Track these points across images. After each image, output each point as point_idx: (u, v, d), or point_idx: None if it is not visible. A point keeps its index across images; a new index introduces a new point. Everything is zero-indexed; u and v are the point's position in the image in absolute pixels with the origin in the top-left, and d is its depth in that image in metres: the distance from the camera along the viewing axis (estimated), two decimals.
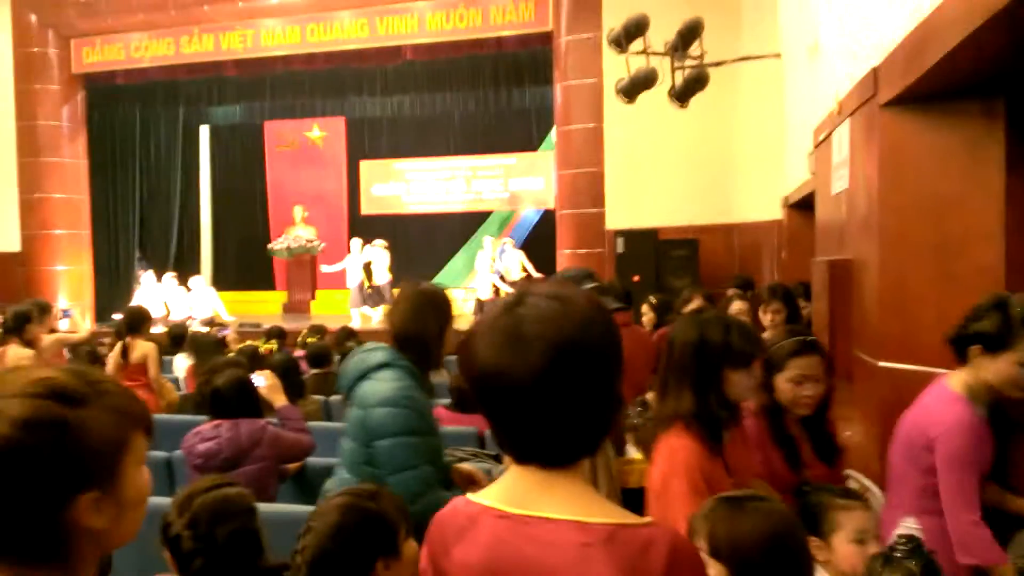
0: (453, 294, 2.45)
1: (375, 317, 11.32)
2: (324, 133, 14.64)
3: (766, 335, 3.40)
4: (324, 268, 12.59)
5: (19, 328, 4.95)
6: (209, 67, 11.21)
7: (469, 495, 1.11)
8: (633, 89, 6.93)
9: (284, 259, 13.49)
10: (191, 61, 11.08)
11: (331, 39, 10.58)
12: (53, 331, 5.41)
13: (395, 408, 2.10)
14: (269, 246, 13.61)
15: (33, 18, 10.98)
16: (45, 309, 5.11)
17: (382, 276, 11.59)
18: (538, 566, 0.98)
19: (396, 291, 11.10)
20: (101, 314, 11.57)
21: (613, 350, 1.03)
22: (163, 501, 1.94)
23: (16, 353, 4.94)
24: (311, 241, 13.31)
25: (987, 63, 2.35)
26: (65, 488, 0.88)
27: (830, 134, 3.87)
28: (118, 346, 5.27)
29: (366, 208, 14.33)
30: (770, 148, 7.66)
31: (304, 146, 14.74)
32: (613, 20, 7.30)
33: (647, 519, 1.00)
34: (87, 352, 5.51)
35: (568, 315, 0.99)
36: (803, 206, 6.04)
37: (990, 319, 2.05)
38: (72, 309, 10.40)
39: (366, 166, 14.38)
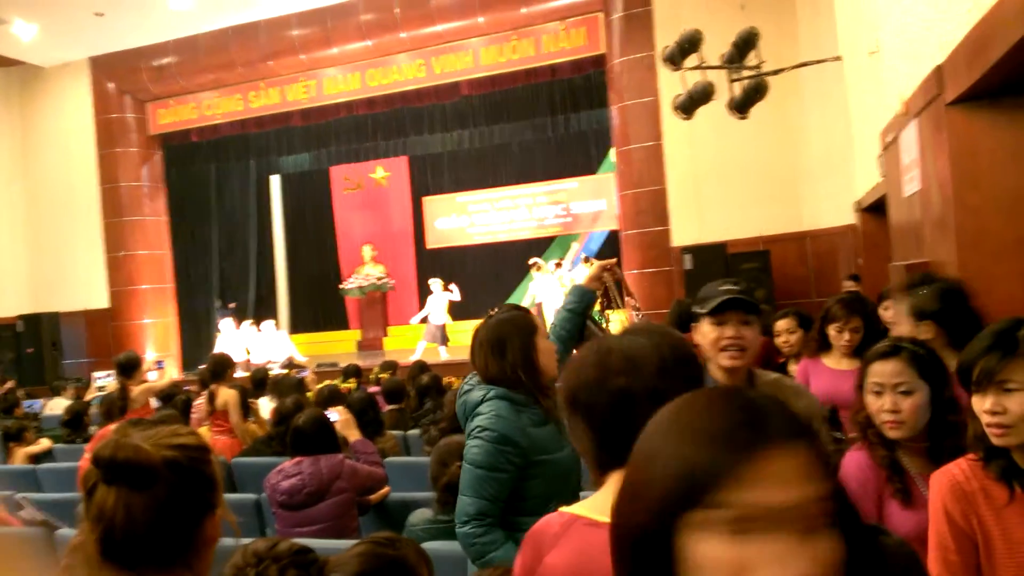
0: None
1: (442, 352, 11.45)
2: (388, 173, 14.98)
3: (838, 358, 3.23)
4: (413, 320, 12.68)
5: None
6: (276, 119, 11.66)
7: (562, 507, 1.19)
8: (691, 104, 6.89)
9: (356, 298, 13.78)
10: (259, 114, 11.56)
11: (390, 82, 10.88)
12: (143, 382, 5.64)
13: (472, 439, 2.14)
14: (341, 286, 13.94)
15: (111, 86, 11.63)
16: (132, 364, 5.31)
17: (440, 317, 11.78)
18: None
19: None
20: (187, 363, 12.02)
21: (695, 371, 1.18)
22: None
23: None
24: (381, 279, 13.58)
25: None
26: (207, 505, 1.18)
27: (897, 136, 3.77)
28: (204, 393, 5.46)
29: (431, 243, 14.55)
30: (838, 152, 7.49)
31: (369, 187, 15.11)
32: (666, 38, 7.29)
33: None
34: (182, 401, 5.74)
35: (660, 343, 1.16)
36: (877, 209, 5.87)
37: None
38: (164, 360, 10.85)
39: (429, 201, 14.63)
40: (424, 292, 12.82)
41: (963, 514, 1.47)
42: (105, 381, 9.42)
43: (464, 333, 13.35)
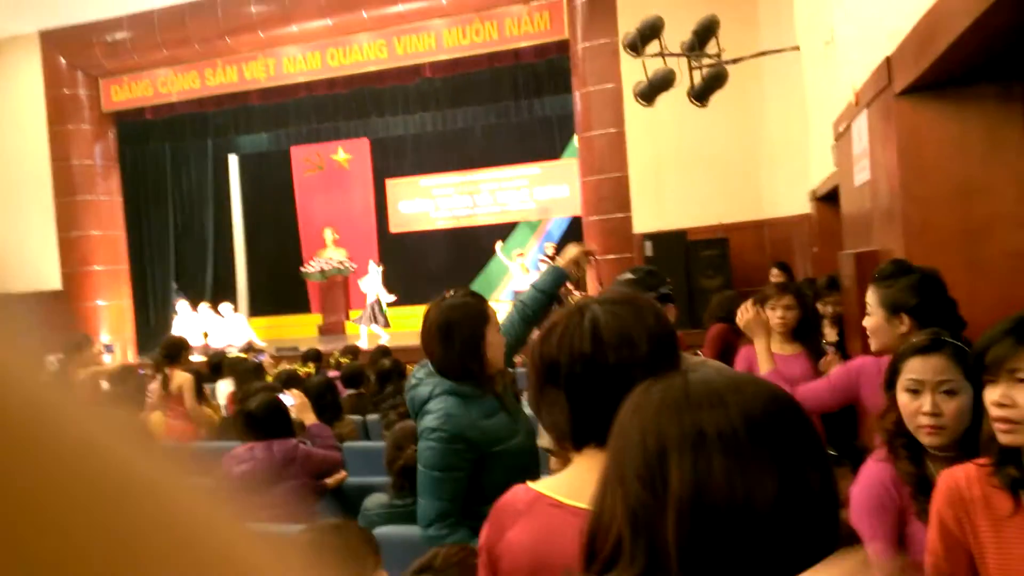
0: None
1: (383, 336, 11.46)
2: (349, 155, 14.82)
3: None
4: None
5: None
6: (234, 97, 11.44)
7: (529, 483, 1.18)
8: (651, 92, 6.92)
9: (317, 282, 13.66)
10: (216, 93, 11.32)
11: (351, 62, 10.73)
12: (96, 364, 5.55)
13: (424, 441, 2.11)
14: (302, 269, 13.80)
15: (62, 61, 11.30)
16: (83, 344, 5.23)
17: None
18: None
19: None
20: (143, 346, 11.82)
21: (675, 342, 1.18)
22: None
23: None
24: (343, 262, 13.47)
25: (997, 46, 2.32)
26: None
27: (849, 126, 3.84)
28: (159, 377, 5.38)
29: (394, 226, 14.46)
30: (795, 141, 7.59)
31: (331, 169, 14.94)
32: (628, 24, 7.30)
33: None
34: (135, 384, 5.64)
35: (645, 315, 1.15)
36: (831, 198, 5.98)
37: None
38: (114, 344, 10.66)
39: (392, 184, 14.53)
40: (390, 276, 12.76)
41: (956, 520, 1.36)
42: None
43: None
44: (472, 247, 14.20)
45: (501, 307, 12.08)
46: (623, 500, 0.79)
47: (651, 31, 6.59)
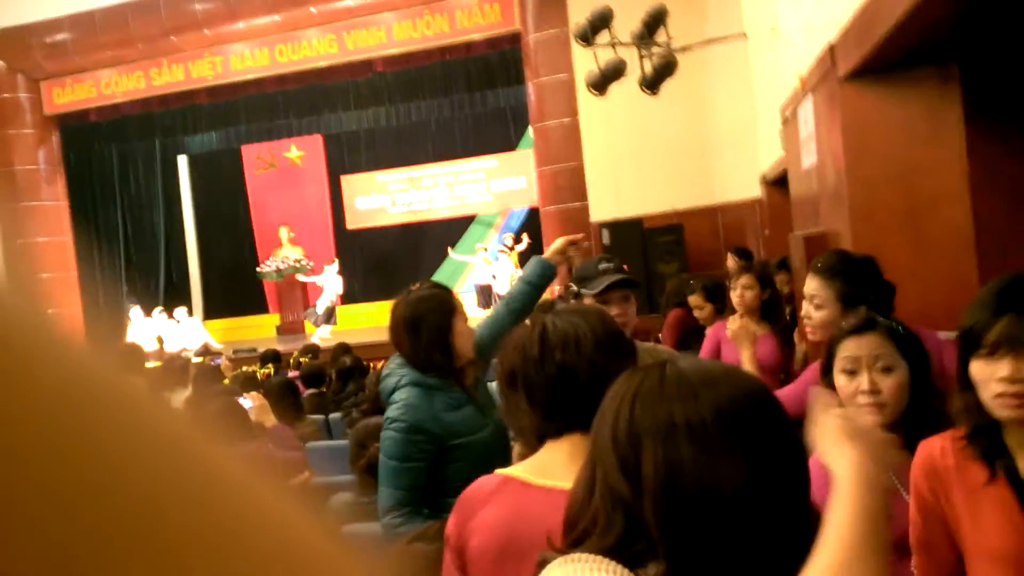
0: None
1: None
2: (302, 152, 14.63)
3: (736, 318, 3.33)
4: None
5: None
6: (181, 97, 11.23)
7: (498, 469, 1.24)
8: (603, 81, 6.96)
9: (274, 281, 13.49)
10: (163, 92, 11.10)
11: (300, 58, 10.60)
12: None
13: (385, 431, 2.13)
14: (258, 269, 13.62)
15: (1, 64, 10.96)
16: None
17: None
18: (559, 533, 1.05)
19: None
20: None
21: (627, 345, 1.33)
22: None
23: None
24: (299, 261, 13.33)
25: (935, 30, 2.39)
26: None
27: (796, 111, 3.91)
28: None
29: (351, 223, 14.34)
30: (745, 127, 7.69)
31: (284, 166, 14.74)
32: (578, 14, 7.32)
33: None
34: None
35: (593, 321, 1.27)
36: (781, 182, 6.08)
37: None
38: None
39: (347, 181, 14.39)
40: (348, 272, 12.68)
41: (932, 491, 1.38)
42: None
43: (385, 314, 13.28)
44: (430, 241, 14.15)
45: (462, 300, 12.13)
46: (602, 480, 0.84)
47: (601, 21, 6.62)
